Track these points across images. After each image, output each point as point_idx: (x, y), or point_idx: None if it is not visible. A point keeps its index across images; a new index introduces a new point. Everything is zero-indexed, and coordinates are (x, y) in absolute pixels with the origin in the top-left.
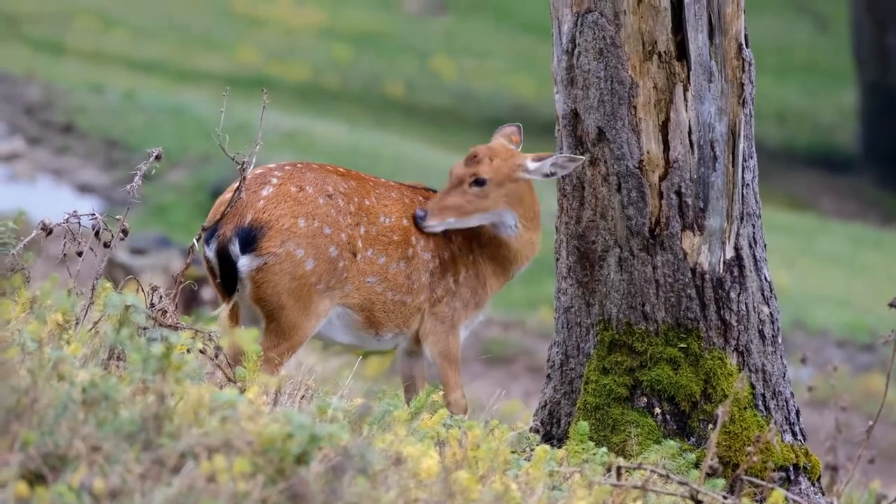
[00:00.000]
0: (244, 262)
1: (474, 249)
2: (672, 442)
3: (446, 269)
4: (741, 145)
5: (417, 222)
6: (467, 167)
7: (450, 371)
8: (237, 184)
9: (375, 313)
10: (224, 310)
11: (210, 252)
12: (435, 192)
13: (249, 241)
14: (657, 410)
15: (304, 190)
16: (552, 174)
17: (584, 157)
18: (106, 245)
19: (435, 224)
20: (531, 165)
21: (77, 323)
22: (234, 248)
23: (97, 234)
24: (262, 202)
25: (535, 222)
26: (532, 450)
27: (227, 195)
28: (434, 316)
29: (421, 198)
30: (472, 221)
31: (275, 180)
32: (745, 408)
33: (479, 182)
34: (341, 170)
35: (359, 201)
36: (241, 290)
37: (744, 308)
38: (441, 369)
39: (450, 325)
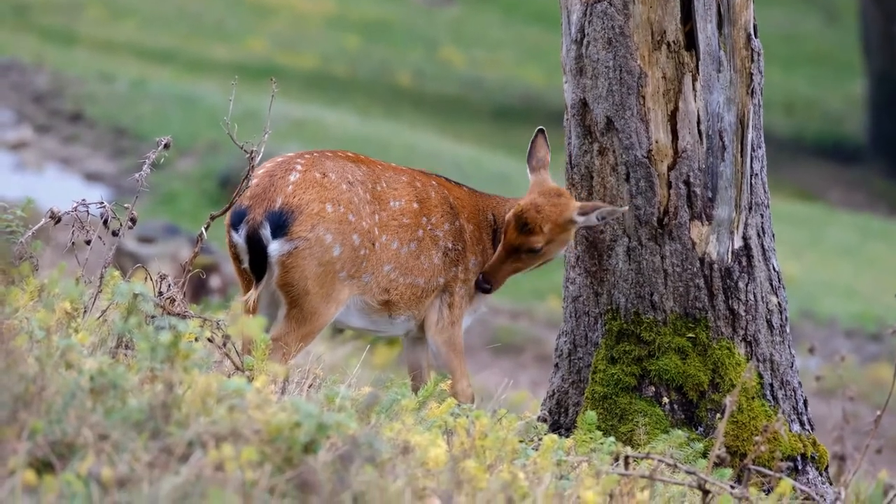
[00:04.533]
0: (275, 247)
1: (484, 239)
2: (680, 431)
3: (458, 255)
4: (750, 135)
5: (480, 289)
6: (520, 235)
7: (455, 360)
8: (259, 169)
9: (391, 298)
10: (252, 296)
11: (239, 238)
12: (446, 179)
13: (281, 225)
14: (665, 400)
15: (327, 176)
16: (599, 223)
17: (625, 208)
18: (114, 233)
19: (498, 290)
20: (579, 219)
21: (85, 311)
22: (266, 232)
23: (105, 222)
24: (290, 187)
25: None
26: (540, 439)
27: (257, 181)
28: (441, 304)
29: (434, 182)
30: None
31: (299, 167)
32: (752, 397)
33: (533, 251)
34: (351, 155)
35: (372, 188)
36: (268, 276)
37: (752, 298)
38: (446, 359)
39: (455, 314)
